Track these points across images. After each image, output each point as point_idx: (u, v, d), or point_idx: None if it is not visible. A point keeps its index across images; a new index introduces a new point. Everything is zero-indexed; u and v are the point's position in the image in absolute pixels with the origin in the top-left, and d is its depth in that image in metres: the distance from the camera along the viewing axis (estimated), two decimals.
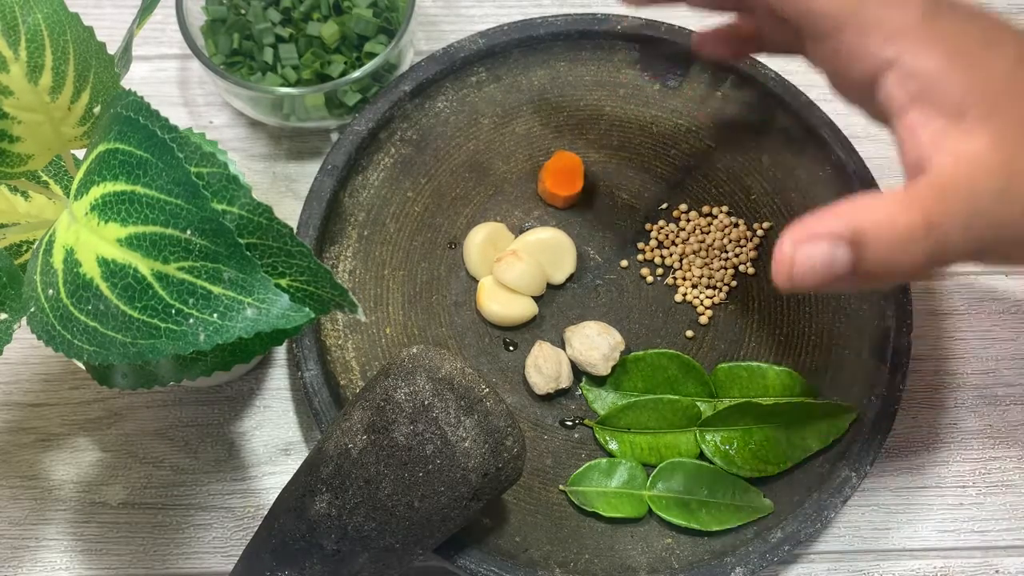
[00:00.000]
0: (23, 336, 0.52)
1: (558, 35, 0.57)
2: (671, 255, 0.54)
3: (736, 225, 0.55)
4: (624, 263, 0.54)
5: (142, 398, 0.53)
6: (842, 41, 0.35)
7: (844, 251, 0.31)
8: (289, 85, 0.55)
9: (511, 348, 0.53)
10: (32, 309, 0.34)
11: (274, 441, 0.52)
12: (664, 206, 0.55)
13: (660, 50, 0.57)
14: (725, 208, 0.55)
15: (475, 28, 0.60)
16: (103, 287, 0.31)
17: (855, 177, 0.53)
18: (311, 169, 0.58)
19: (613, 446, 0.50)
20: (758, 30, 0.45)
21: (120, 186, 0.31)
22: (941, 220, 0.31)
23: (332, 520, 0.40)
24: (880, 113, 0.36)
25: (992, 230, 0.32)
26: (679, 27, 0.56)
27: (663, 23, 0.56)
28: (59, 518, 0.51)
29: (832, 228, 0.31)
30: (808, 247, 0.31)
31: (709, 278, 0.54)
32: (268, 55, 0.55)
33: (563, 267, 0.53)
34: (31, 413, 0.52)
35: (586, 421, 0.51)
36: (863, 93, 0.36)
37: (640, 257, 0.55)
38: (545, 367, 0.50)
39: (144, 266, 0.31)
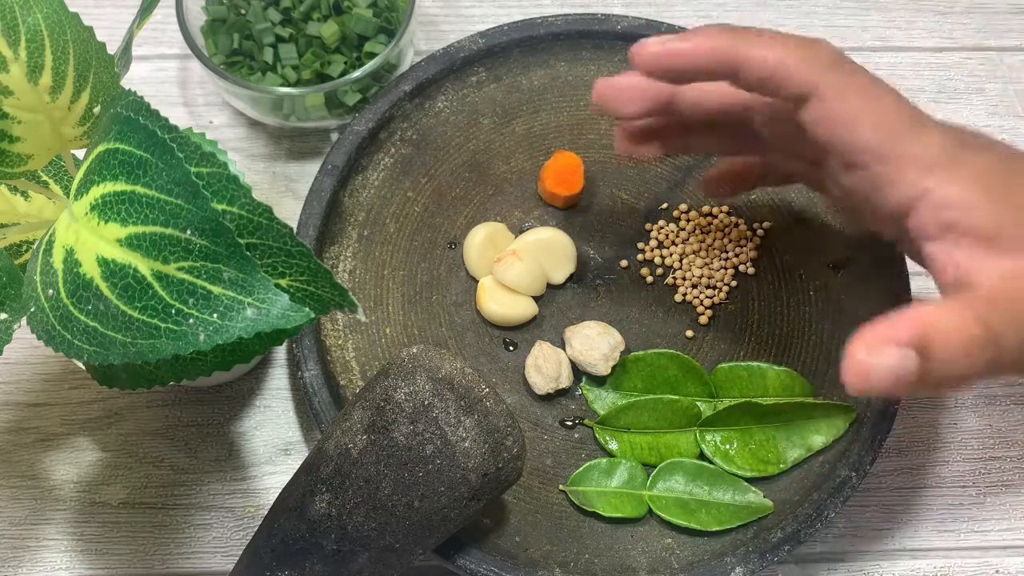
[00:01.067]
0: (23, 336, 0.52)
1: (558, 35, 0.57)
2: (671, 255, 0.54)
3: (736, 225, 0.55)
4: (624, 263, 0.54)
5: (142, 398, 0.53)
6: (880, 173, 0.37)
7: (912, 359, 0.33)
8: (289, 85, 0.55)
9: (511, 348, 0.53)
10: (32, 309, 0.34)
11: (274, 441, 0.52)
12: (664, 206, 0.55)
13: None
14: (725, 208, 0.55)
15: (475, 28, 0.60)
16: (103, 287, 0.31)
17: None
18: (311, 169, 0.58)
19: (613, 446, 0.50)
20: (766, 165, 0.48)
21: (120, 186, 0.31)
22: (999, 329, 0.33)
23: (332, 520, 0.40)
24: (905, 237, 0.38)
25: None
26: (679, 27, 0.56)
27: (663, 23, 0.56)
28: (59, 518, 0.51)
29: (901, 334, 0.33)
30: (882, 354, 0.33)
31: (709, 278, 0.54)
32: (268, 55, 0.55)
33: (563, 267, 0.53)
34: (31, 413, 0.52)
35: (586, 421, 0.51)
36: (890, 220, 0.38)
37: (640, 257, 0.55)
38: (545, 367, 0.50)
39: (144, 266, 0.31)
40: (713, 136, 0.47)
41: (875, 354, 0.33)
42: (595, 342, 0.50)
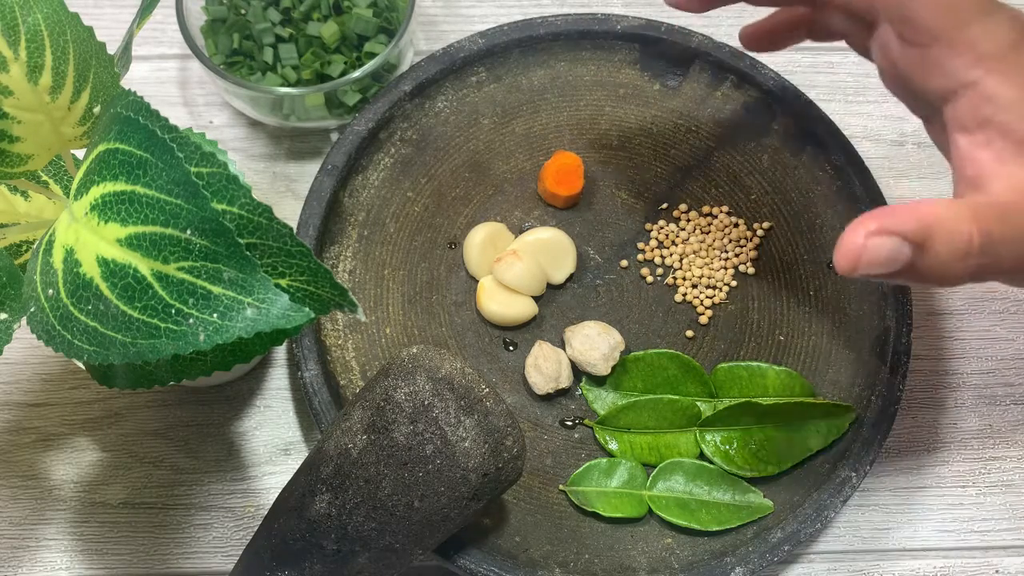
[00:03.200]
0: (23, 336, 0.52)
1: (558, 35, 0.57)
2: (671, 255, 0.54)
3: (736, 225, 0.55)
4: (624, 263, 0.54)
5: (142, 398, 0.53)
6: (931, 52, 0.36)
7: (908, 249, 0.33)
8: (289, 85, 0.55)
9: (511, 348, 0.53)
10: (32, 309, 0.34)
11: (274, 441, 0.52)
12: (664, 206, 0.55)
13: (660, 50, 0.57)
14: (725, 208, 0.55)
15: (475, 28, 0.60)
16: (103, 287, 0.31)
17: (854, 177, 0.54)
18: (311, 169, 0.58)
19: (613, 446, 0.50)
20: (814, 20, 0.45)
21: (120, 186, 0.31)
22: (998, 240, 0.34)
23: (332, 520, 0.40)
24: (937, 121, 0.38)
25: None
26: (679, 27, 0.56)
27: (663, 23, 0.56)
28: (59, 518, 0.51)
29: (903, 227, 0.33)
30: (878, 240, 0.33)
31: (709, 278, 0.54)
32: (268, 55, 0.55)
33: (563, 267, 0.53)
34: (31, 413, 0.52)
35: (586, 421, 0.51)
36: (926, 98, 0.38)
37: (640, 257, 0.55)
38: (545, 367, 0.50)
39: (144, 266, 0.31)
40: None
41: (871, 238, 0.33)
42: (595, 342, 0.50)
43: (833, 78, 0.60)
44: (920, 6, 0.36)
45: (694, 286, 0.54)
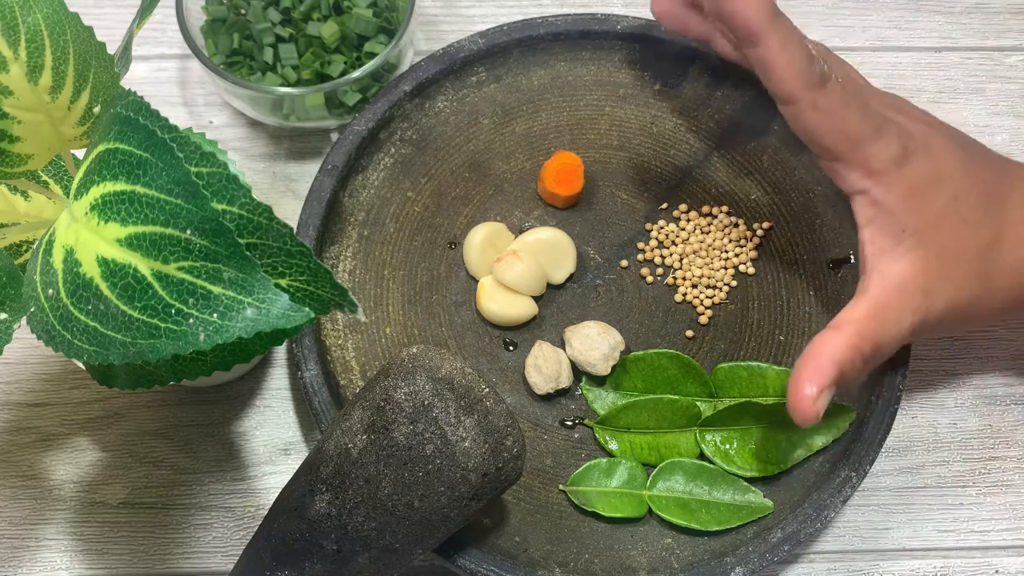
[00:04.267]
0: (23, 336, 0.52)
1: (558, 35, 0.57)
2: (671, 255, 0.54)
3: (736, 225, 0.55)
4: (624, 263, 0.54)
5: (142, 398, 0.53)
6: (835, 166, 0.45)
7: (835, 388, 0.44)
8: (289, 85, 0.55)
9: (511, 348, 0.53)
10: (32, 309, 0.34)
11: (274, 441, 0.52)
12: (664, 206, 0.55)
13: (660, 50, 0.57)
14: (725, 208, 0.55)
15: (475, 28, 0.60)
16: (103, 287, 0.31)
17: None
18: (311, 169, 0.58)
19: (613, 446, 0.50)
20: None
21: (120, 186, 0.31)
22: (880, 339, 0.44)
23: (332, 520, 0.40)
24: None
25: (917, 330, 0.45)
26: None
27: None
28: (59, 518, 0.51)
29: (830, 378, 0.43)
30: (824, 397, 0.43)
31: (709, 278, 0.54)
32: (268, 55, 0.55)
33: (563, 267, 0.53)
34: (31, 413, 0.52)
35: (586, 421, 0.51)
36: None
37: (640, 257, 0.55)
38: (545, 367, 0.50)
39: (144, 266, 0.31)
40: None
41: (820, 398, 0.43)
42: (595, 342, 0.50)
43: None
44: (823, 137, 0.44)
45: (694, 286, 0.54)
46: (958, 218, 0.45)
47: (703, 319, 0.53)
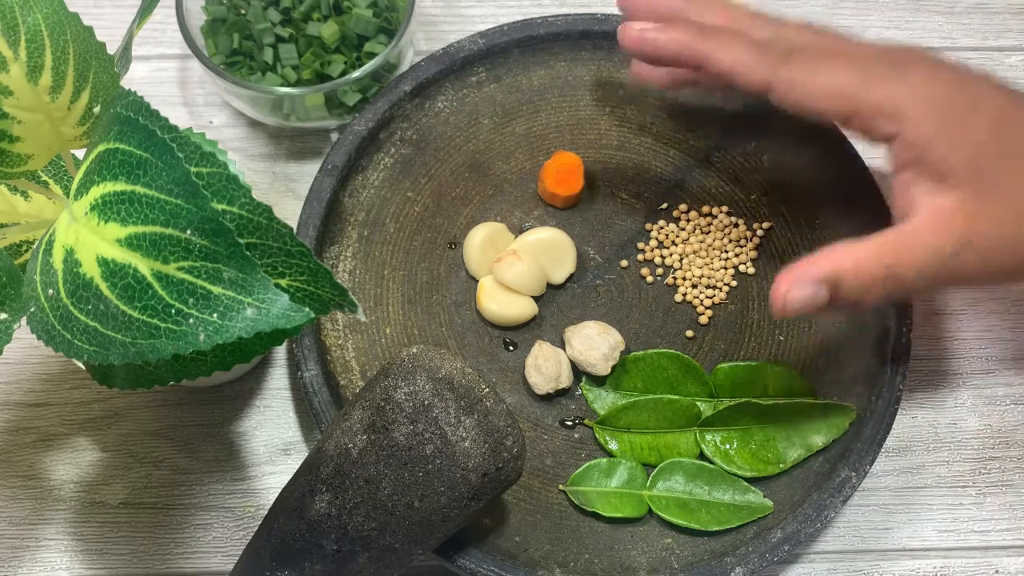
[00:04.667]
0: (23, 336, 0.52)
1: (558, 35, 0.57)
2: (671, 255, 0.54)
3: (736, 225, 0.55)
4: (624, 263, 0.54)
5: (142, 398, 0.53)
6: (855, 123, 0.43)
7: (824, 292, 0.41)
8: (289, 85, 0.55)
9: (511, 348, 0.53)
10: (32, 309, 0.34)
11: (274, 441, 0.52)
12: (664, 206, 0.55)
13: None
14: (725, 208, 0.55)
15: (475, 28, 0.60)
16: (103, 287, 0.31)
17: (854, 176, 0.53)
18: (311, 169, 0.58)
19: (613, 446, 0.50)
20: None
21: (120, 186, 0.31)
22: (897, 269, 0.41)
23: (332, 520, 0.40)
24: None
25: (944, 276, 0.41)
26: None
27: None
28: (59, 518, 0.51)
29: (815, 275, 0.41)
30: (798, 288, 0.41)
31: (709, 278, 0.54)
32: (268, 55, 0.55)
33: (563, 267, 0.53)
34: (31, 413, 0.52)
35: (586, 421, 0.51)
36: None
37: (640, 257, 0.55)
38: (545, 367, 0.50)
39: (144, 266, 0.31)
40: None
41: (793, 288, 0.41)
42: (595, 342, 0.50)
43: None
44: (817, 101, 0.43)
45: (694, 286, 0.54)
46: (1000, 146, 0.42)
47: (703, 319, 0.53)
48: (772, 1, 0.64)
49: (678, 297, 0.54)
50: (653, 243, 0.55)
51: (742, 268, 0.54)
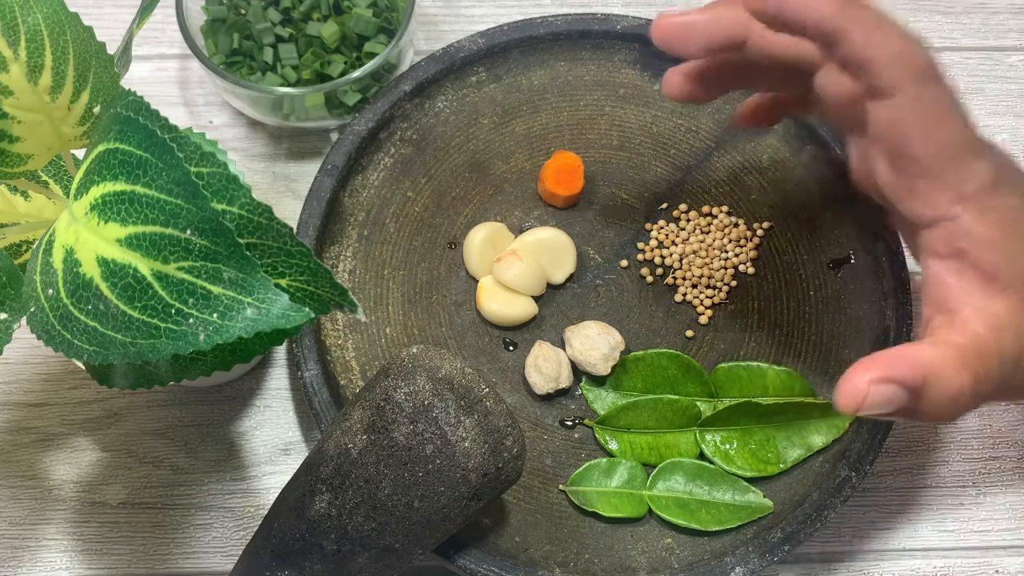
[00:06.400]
0: (23, 336, 0.52)
1: (558, 35, 0.57)
2: (671, 255, 0.54)
3: (736, 225, 0.55)
4: (624, 263, 0.54)
5: (142, 398, 0.53)
6: (918, 183, 0.38)
7: (905, 395, 0.36)
8: (289, 85, 0.55)
9: (511, 348, 0.53)
10: (32, 309, 0.34)
11: (274, 441, 0.52)
12: (664, 206, 0.55)
13: (660, 50, 0.57)
14: (725, 208, 0.55)
15: (475, 28, 0.60)
16: (103, 287, 0.31)
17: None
18: (311, 169, 0.58)
19: (613, 446, 0.50)
20: (809, 103, 0.47)
21: (120, 186, 0.31)
22: (984, 382, 0.37)
23: (332, 520, 0.40)
24: (907, 232, 0.42)
25: (1010, 388, 0.39)
26: None
27: None
28: (59, 518, 0.51)
29: (903, 376, 0.36)
30: (880, 387, 0.36)
31: (709, 278, 0.54)
32: (268, 55, 0.55)
33: (563, 267, 0.53)
34: (31, 413, 0.52)
35: (586, 421, 0.51)
36: (903, 215, 0.40)
37: (640, 257, 0.55)
38: (545, 367, 0.50)
39: (144, 266, 0.31)
40: (764, 79, 0.46)
41: (874, 384, 0.36)
42: (595, 342, 0.50)
43: None
44: (918, 143, 0.37)
45: (694, 286, 0.54)
46: None
47: (703, 319, 0.53)
48: None
49: (678, 297, 0.54)
50: (653, 243, 0.55)
51: (742, 268, 0.54)
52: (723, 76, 0.46)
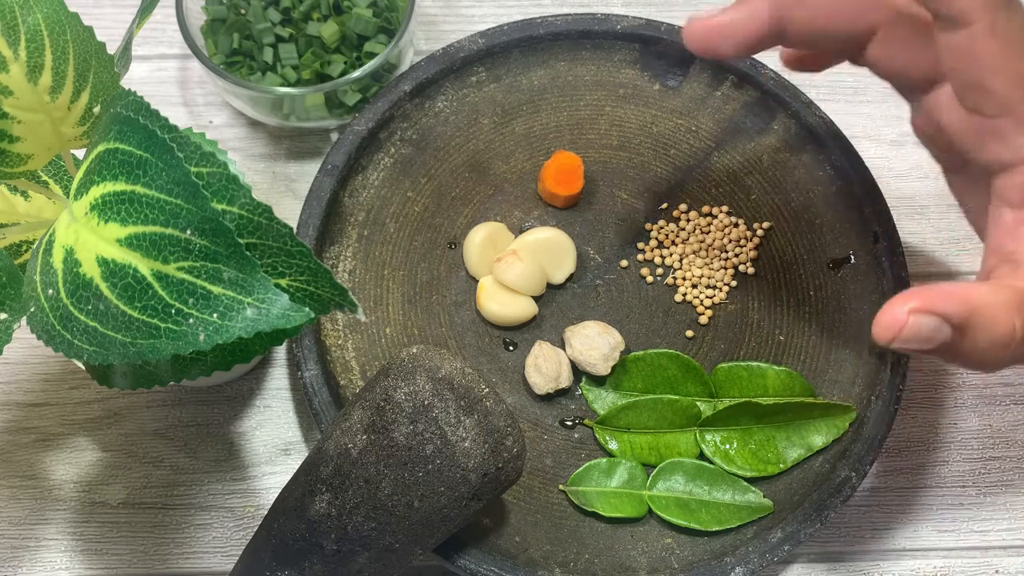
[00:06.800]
0: (23, 336, 0.52)
1: (558, 35, 0.57)
2: (671, 255, 0.54)
3: (736, 225, 0.55)
4: (624, 263, 0.54)
5: (142, 398, 0.53)
6: (995, 123, 0.35)
7: (948, 330, 0.33)
8: (289, 85, 0.55)
9: (511, 348, 0.53)
10: (32, 309, 0.34)
11: (274, 441, 0.52)
12: (664, 206, 0.55)
13: (660, 50, 0.57)
14: (725, 208, 0.55)
15: (475, 28, 0.60)
16: (103, 287, 0.31)
17: (854, 177, 0.53)
18: (311, 169, 0.58)
19: (613, 446, 0.50)
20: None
21: (120, 186, 0.31)
22: None
23: (332, 520, 0.40)
24: (963, 173, 0.39)
25: None
26: (679, 27, 0.56)
27: (663, 23, 0.56)
28: (59, 518, 0.51)
29: (947, 309, 0.33)
30: (920, 317, 0.33)
31: (709, 278, 0.54)
32: (268, 55, 0.55)
33: (563, 267, 0.53)
34: (31, 413, 0.52)
35: (586, 421, 0.51)
36: (974, 162, 0.37)
37: (640, 257, 0.55)
38: (545, 367, 0.50)
39: (144, 266, 0.31)
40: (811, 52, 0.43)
41: (915, 314, 0.33)
42: (595, 342, 0.50)
43: (833, 78, 0.60)
44: (995, 76, 0.34)
45: (694, 286, 0.54)
46: None
47: (703, 319, 0.53)
48: None
49: (678, 297, 0.54)
50: (653, 243, 0.55)
51: (742, 268, 0.54)
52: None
